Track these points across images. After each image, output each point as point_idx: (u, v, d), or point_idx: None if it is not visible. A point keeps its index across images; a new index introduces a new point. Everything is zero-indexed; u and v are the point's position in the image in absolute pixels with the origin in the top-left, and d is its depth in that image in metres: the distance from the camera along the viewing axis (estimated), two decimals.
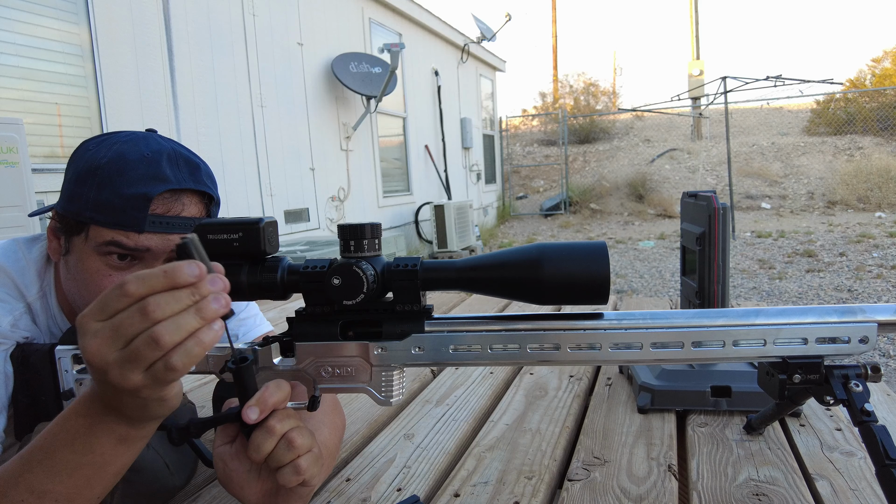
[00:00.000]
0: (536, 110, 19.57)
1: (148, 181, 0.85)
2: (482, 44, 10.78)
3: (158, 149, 0.89)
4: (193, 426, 0.68)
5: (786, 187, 11.33)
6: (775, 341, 0.64)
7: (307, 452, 0.65)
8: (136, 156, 0.86)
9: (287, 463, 0.64)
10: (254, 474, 0.68)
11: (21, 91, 3.54)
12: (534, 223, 11.74)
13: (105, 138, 0.91)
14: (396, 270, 0.66)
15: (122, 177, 0.85)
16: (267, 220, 0.67)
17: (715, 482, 0.95)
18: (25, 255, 0.94)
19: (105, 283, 0.86)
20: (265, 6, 5.56)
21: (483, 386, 1.44)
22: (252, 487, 0.68)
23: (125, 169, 0.85)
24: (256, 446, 0.64)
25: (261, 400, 0.63)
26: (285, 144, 5.83)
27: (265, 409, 0.63)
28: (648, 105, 11.82)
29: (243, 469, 0.68)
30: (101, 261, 0.86)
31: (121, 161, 0.86)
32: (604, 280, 0.61)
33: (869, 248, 7.14)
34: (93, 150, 0.89)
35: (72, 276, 0.90)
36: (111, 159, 0.86)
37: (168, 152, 0.89)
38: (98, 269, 0.86)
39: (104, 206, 0.84)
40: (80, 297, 0.90)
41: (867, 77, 15.03)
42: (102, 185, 0.84)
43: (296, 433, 0.65)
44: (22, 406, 0.85)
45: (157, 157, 0.87)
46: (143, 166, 0.86)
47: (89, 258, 0.87)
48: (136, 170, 0.85)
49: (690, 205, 1.36)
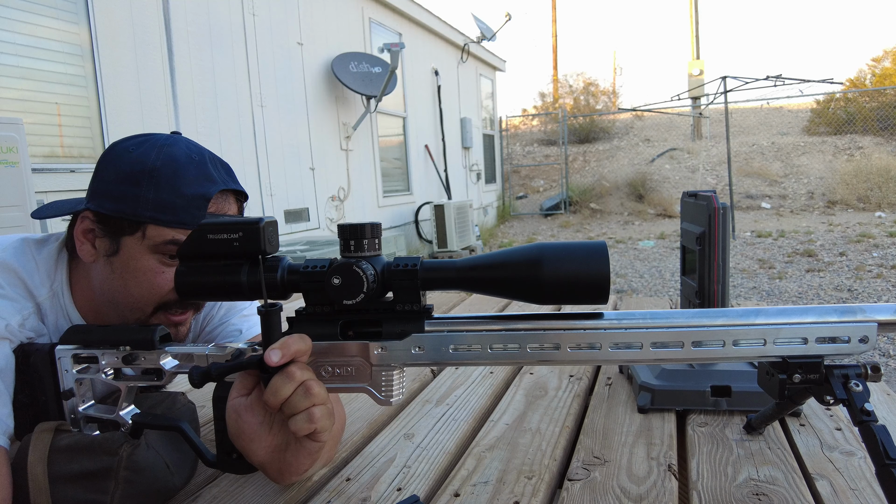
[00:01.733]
0: (536, 110, 19.57)
1: (203, 182, 0.90)
2: (482, 43, 10.78)
3: (200, 151, 0.94)
4: (215, 370, 0.68)
5: (786, 187, 11.33)
6: (775, 341, 0.64)
7: (322, 403, 0.67)
8: (185, 158, 0.90)
9: (302, 410, 0.66)
10: (265, 428, 0.70)
11: (21, 91, 3.54)
12: (534, 223, 11.74)
13: (144, 140, 0.93)
14: (396, 270, 0.66)
15: (180, 178, 0.88)
16: (267, 219, 0.67)
17: (715, 482, 0.95)
18: (35, 255, 0.95)
19: (159, 280, 0.90)
20: (265, 6, 5.55)
21: (483, 386, 1.44)
22: (262, 441, 0.70)
23: (180, 170, 0.89)
24: (275, 390, 0.66)
25: (284, 345, 0.66)
26: (285, 144, 5.83)
27: (287, 355, 0.65)
28: (648, 105, 11.82)
29: (256, 422, 0.70)
30: (155, 258, 0.90)
31: (175, 163, 0.89)
32: (604, 280, 0.61)
33: (869, 248, 7.14)
34: (135, 152, 0.90)
35: (118, 275, 0.91)
36: (165, 161, 0.89)
37: (208, 155, 0.94)
38: (152, 266, 0.90)
39: (165, 206, 0.87)
40: (126, 294, 0.92)
41: (867, 77, 15.02)
42: (160, 187, 0.87)
43: (313, 382, 0.67)
44: (22, 406, 0.85)
45: (203, 160, 0.92)
46: (194, 168, 0.90)
47: (143, 256, 0.89)
48: (190, 171, 0.89)
49: (690, 204, 1.36)
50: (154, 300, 0.92)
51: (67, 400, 0.83)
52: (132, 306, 0.92)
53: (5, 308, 0.87)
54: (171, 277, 0.89)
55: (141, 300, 0.91)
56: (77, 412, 0.83)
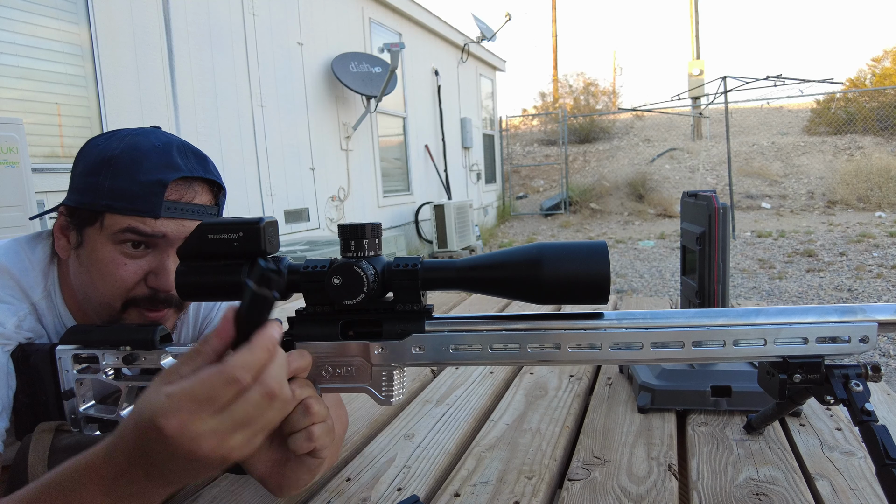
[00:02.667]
0: (536, 110, 19.57)
1: (162, 169, 0.87)
2: (482, 43, 10.78)
3: (168, 140, 0.92)
4: None
5: (786, 187, 11.33)
6: (775, 341, 0.64)
7: (321, 421, 0.66)
8: (147, 146, 0.89)
9: (301, 429, 0.65)
10: (264, 443, 0.68)
11: (21, 91, 3.54)
12: (534, 223, 11.74)
13: (112, 134, 0.93)
14: (397, 270, 0.66)
15: (137, 165, 0.87)
16: (267, 219, 0.67)
17: (715, 482, 0.95)
18: (28, 255, 0.94)
19: (121, 272, 0.88)
20: (265, 6, 5.55)
21: (483, 385, 1.44)
22: (261, 456, 0.69)
23: (139, 158, 0.87)
24: None
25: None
26: (285, 144, 5.83)
27: (287, 373, 0.64)
28: (648, 105, 11.82)
29: None
30: (116, 249, 0.88)
31: (134, 151, 0.88)
32: (604, 280, 0.61)
33: (869, 248, 7.14)
34: (102, 145, 0.91)
35: (84, 269, 0.90)
36: (124, 149, 0.88)
37: (177, 144, 0.92)
38: (113, 257, 0.88)
39: (121, 193, 0.86)
40: (94, 289, 0.90)
41: (867, 76, 15.03)
42: (118, 174, 0.86)
43: (313, 400, 0.65)
44: (22, 406, 0.85)
45: (168, 148, 0.90)
46: (156, 155, 0.88)
47: (104, 247, 0.88)
48: (150, 159, 0.88)
49: (690, 204, 1.36)
50: (119, 294, 0.89)
51: (68, 400, 0.83)
52: (101, 301, 0.91)
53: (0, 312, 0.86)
54: (134, 270, 0.88)
55: (107, 295, 0.90)
56: (77, 412, 0.83)
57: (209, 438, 0.51)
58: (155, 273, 0.90)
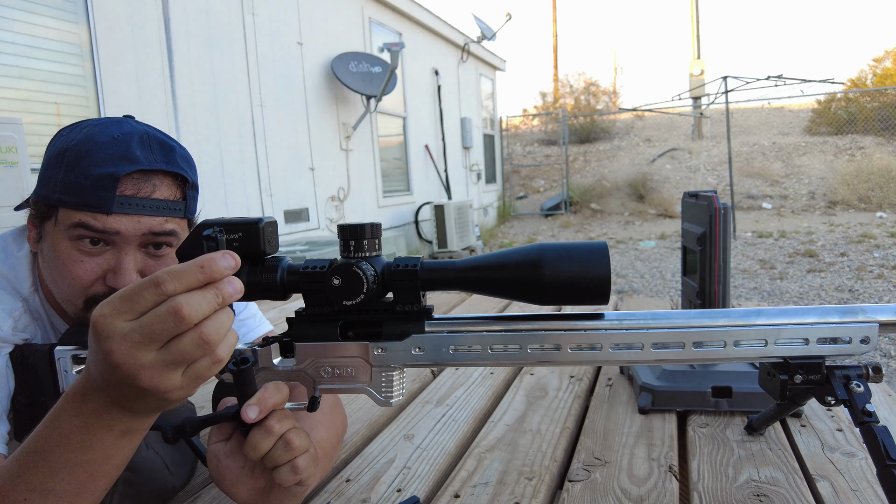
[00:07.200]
0: (537, 110, 19.57)
1: (116, 161, 0.83)
2: (482, 43, 10.78)
3: (130, 131, 0.87)
4: (189, 425, 0.68)
5: (787, 187, 11.32)
6: (776, 342, 0.64)
7: (304, 453, 0.66)
8: (105, 137, 0.85)
9: (284, 463, 0.64)
10: (247, 472, 0.68)
11: (21, 91, 3.54)
12: (534, 223, 11.74)
13: (78, 123, 0.90)
14: (396, 270, 0.66)
15: (90, 157, 0.83)
16: (267, 219, 0.67)
17: (716, 483, 0.95)
18: (15, 251, 0.93)
19: (77, 270, 0.85)
20: (265, 6, 5.55)
21: (483, 386, 1.44)
22: (244, 485, 0.68)
23: (93, 150, 0.83)
24: (254, 445, 0.64)
25: (260, 400, 0.63)
26: (285, 144, 5.83)
27: (264, 409, 0.63)
28: (649, 105, 11.81)
29: (237, 466, 0.67)
30: (73, 246, 0.85)
31: (89, 142, 0.84)
32: (605, 280, 0.61)
33: (870, 248, 7.14)
34: (65, 136, 0.88)
35: (46, 264, 0.88)
36: (80, 141, 0.85)
37: (140, 134, 0.87)
38: (70, 254, 0.85)
39: (71, 186, 0.82)
40: (55, 285, 0.88)
41: (868, 76, 15.02)
42: (70, 167, 0.83)
43: (293, 434, 0.65)
44: (22, 406, 0.85)
45: (128, 139, 0.85)
46: (112, 147, 0.84)
47: (61, 243, 0.85)
48: (105, 151, 0.84)
49: (691, 205, 1.36)
50: (78, 293, 0.86)
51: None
52: (63, 298, 0.88)
53: None
54: (91, 268, 0.85)
55: (67, 292, 0.87)
56: None
57: (149, 370, 0.51)
58: (113, 272, 0.86)
